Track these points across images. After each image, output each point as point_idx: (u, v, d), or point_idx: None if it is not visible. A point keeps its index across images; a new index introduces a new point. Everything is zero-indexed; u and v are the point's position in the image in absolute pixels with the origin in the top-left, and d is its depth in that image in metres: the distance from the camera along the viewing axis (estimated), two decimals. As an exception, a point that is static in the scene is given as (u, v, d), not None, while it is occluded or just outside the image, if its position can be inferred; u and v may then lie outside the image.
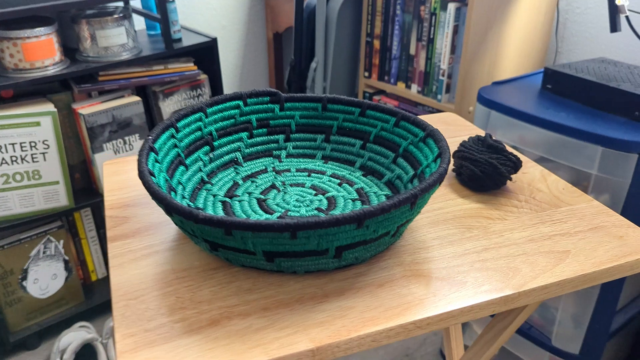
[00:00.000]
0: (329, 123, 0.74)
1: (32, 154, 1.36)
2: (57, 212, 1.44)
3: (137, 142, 1.50)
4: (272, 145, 0.75)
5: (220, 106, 0.71)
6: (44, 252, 1.49)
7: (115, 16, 1.36)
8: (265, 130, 0.74)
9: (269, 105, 0.74)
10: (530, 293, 0.52)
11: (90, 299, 1.62)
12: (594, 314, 1.09)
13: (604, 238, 0.60)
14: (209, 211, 0.62)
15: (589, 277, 0.55)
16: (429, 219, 0.63)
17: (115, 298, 0.51)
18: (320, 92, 1.66)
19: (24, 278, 1.48)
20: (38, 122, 1.34)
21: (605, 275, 0.55)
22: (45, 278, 1.51)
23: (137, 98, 1.48)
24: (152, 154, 0.59)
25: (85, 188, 1.54)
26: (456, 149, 0.72)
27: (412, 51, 1.43)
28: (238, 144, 0.73)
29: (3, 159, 1.33)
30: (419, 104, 1.48)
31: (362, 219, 0.48)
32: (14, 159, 1.34)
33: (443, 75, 1.36)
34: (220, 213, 0.62)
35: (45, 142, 1.36)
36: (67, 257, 1.54)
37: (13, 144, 1.33)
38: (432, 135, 0.63)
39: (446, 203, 0.66)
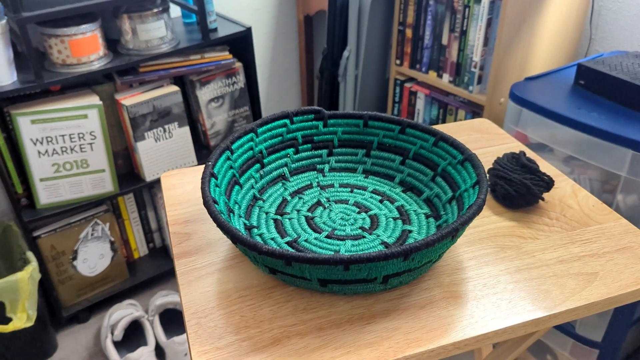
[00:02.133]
0: (370, 139, 0.79)
1: (80, 145, 1.43)
2: (103, 197, 1.52)
3: (176, 130, 1.57)
4: (315, 159, 0.80)
5: (269, 125, 0.76)
6: (92, 235, 1.58)
7: (155, 10, 1.41)
8: (309, 145, 0.79)
9: (313, 122, 0.79)
10: (560, 315, 0.58)
11: (134, 275, 1.72)
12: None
13: (631, 259, 0.64)
14: (263, 229, 0.68)
15: (615, 299, 0.59)
16: (466, 239, 0.68)
17: (187, 316, 0.57)
18: (352, 81, 1.69)
19: (75, 258, 1.58)
20: (85, 115, 1.40)
21: (630, 298, 0.60)
22: (93, 258, 1.61)
23: (175, 88, 1.53)
24: (213, 180, 0.65)
25: (128, 173, 1.62)
26: (491, 166, 0.76)
27: (445, 41, 1.45)
28: (285, 159, 0.78)
29: (54, 149, 1.41)
30: (450, 94, 1.51)
31: (408, 254, 0.53)
32: (63, 149, 1.42)
33: (475, 67, 1.38)
34: (273, 231, 0.68)
35: (92, 134, 1.43)
36: (112, 238, 1.63)
37: (63, 136, 1.40)
38: (471, 160, 0.67)
39: (481, 221, 0.71)
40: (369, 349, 0.53)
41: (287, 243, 0.66)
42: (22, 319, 1.38)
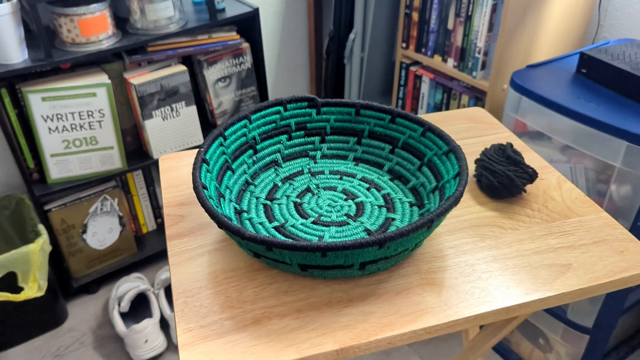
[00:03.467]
0: (362, 127, 0.81)
1: (89, 122, 1.47)
2: (112, 174, 1.56)
3: (183, 109, 1.60)
4: (308, 146, 0.82)
5: (263, 112, 0.78)
6: (101, 209, 1.63)
7: (163, -10, 1.42)
8: (302, 132, 0.82)
9: (306, 109, 0.81)
10: (530, 304, 0.60)
11: (142, 250, 1.77)
12: (609, 292, 1.15)
13: (606, 252, 0.66)
14: (252, 213, 0.71)
15: (586, 291, 0.62)
16: (447, 227, 0.70)
17: (175, 295, 0.61)
18: (357, 63, 1.70)
19: (84, 231, 1.63)
20: (94, 93, 1.44)
21: (600, 290, 0.62)
22: (102, 231, 1.66)
23: (183, 67, 1.56)
24: (204, 165, 0.68)
25: (137, 150, 1.66)
26: (478, 156, 0.78)
27: (450, 26, 1.45)
28: (278, 146, 0.80)
29: (64, 126, 1.45)
30: (454, 79, 1.51)
31: (383, 243, 0.56)
32: (73, 126, 1.46)
33: (479, 53, 1.38)
34: (262, 216, 0.71)
35: (101, 112, 1.47)
36: (121, 213, 1.68)
37: (72, 113, 1.44)
38: (455, 152, 0.69)
39: (464, 210, 0.73)
40: (344, 331, 0.56)
41: (275, 228, 0.69)
42: (34, 288, 1.44)
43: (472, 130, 0.91)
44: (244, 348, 0.55)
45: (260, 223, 0.69)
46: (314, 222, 0.69)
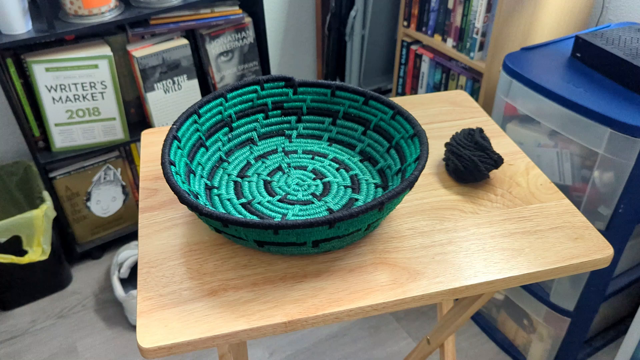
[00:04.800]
0: (337, 108, 0.83)
1: (91, 93, 1.50)
2: (114, 144, 1.60)
3: (185, 83, 1.62)
4: (285, 125, 0.84)
5: (239, 91, 0.80)
6: (104, 178, 1.68)
7: (165, -36, 1.44)
8: (279, 112, 0.84)
9: (283, 89, 0.83)
10: (477, 287, 0.62)
11: (145, 219, 1.82)
12: (590, 278, 1.16)
13: (560, 239, 0.67)
14: (222, 190, 0.74)
15: (533, 275, 0.64)
16: (409, 209, 0.72)
17: (140, 265, 0.64)
18: (358, 40, 1.70)
19: (88, 199, 1.68)
20: (96, 65, 1.47)
21: (550, 275, 0.64)
22: (106, 200, 1.72)
23: (185, 41, 1.58)
24: (175, 142, 0.71)
25: (140, 121, 1.69)
26: (448, 140, 0.79)
27: (450, 5, 1.44)
28: (254, 124, 0.83)
29: (67, 96, 1.49)
30: (452, 59, 1.51)
31: (332, 223, 0.58)
32: (76, 97, 1.50)
33: (477, 34, 1.37)
34: (231, 193, 0.73)
35: (103, 83, 1.50)
36: (124, 183, 1.73)
37: (75, 84, 1.48)
38: (419, 136, 0.71)
39: (429, 193, 0.75)
40: (294, 305, 0.59)
41: (242, 204, 0.71)
42: (37, 252, 1.50)
43: (451, 114, 0.92)
44: (198, 317, 0.58)
45: (229, 199, 0.72)
46: (280, 200, 0.72)
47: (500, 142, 0.85)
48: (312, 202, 0.72)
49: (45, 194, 1.56)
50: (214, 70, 1.70)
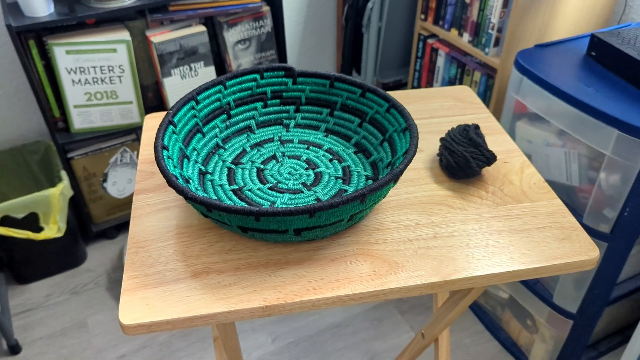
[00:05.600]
0: (335, 99, 0.83)
1: (110, 77, 1.54)
2: (131, 127, 1.64)
3: (201, 69, 1.64)
4: (283, 114, 0.85)
5: (239, 79, 0.82)
6: (121, 160, 1.72)
7: (184, -49, 1.45)
8: (278, 101, 0.85)
9: (283, 79, 0.84)
10: (456, 282, 0.62)
11: (160, 202, 1.86)
12: (594, 281, 1.15)
13: (547, 239, 0.67)
14: (216, 176, 0.75)
15: (515, 274, 0.63)
16: (398, 202, 0.73)
17: (129, 245, 0.66)
18: (375, 32, 1.69)
19: (105, 180, 1.73)
20: (114, 49, 1.50)
21: (532, 274, 0.64)
22: (122, 181, 1.76)
23: (202, 28, 1.60)
24: (171, 127, 0.72)
25: (158, 106, 1.72)
26: (443, 135, 0.79)
27: (468, -1, 1.42)
28: (253, 112, 0.84)
29: (86, 79, 1.52)
30: (467, 54, 1.49)
31: (313, 212, 0.59)
32: (95, 79, 1.53)
33: (492, 29, 1.36)
34: (224, 179, 0.75)
35: (121, 67, 1.53)
36: (140, 166, 1.76)
37: (94, 67, 1.51)
38: (410, 130, 0.71)
39: (419, 187, 0.75)
40: (272, 291, 0.61)
41: (233, 190, 0.73)
42: (53, 229, 1.55)
43: (452, 109, 0.92)
44: (178, 298, 0.60)
45: (221, 185, 0.74)
46: (270, 188, 0.73)
47: (499, 139, 0.84)
48: (302, 192, 0.72)
49: (63, 174, 1.60)
50: (231, 58, 1.71)
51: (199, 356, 1.47)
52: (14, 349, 1.48)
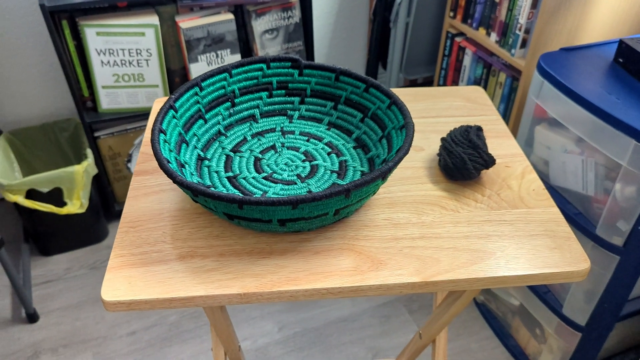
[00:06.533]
0: (339, 93, 0.83)
1: (137, 60, 1.57)
2: (156, 110, 1.67)
3: (228, 57, 1.66)
4: (287, 105, 0.85)
5: (245, 68, 0.82)
6: (145, 142, 1.76)
7: (215, -61, 1.47)
8: (283, 92, 0.85)
9: (289, 70, 0.84)
10: (438, 284, 0.62)
11: (182, 185, 1.89)
12: (604, 295, 1.12)
13: (537, 247, 0.65)
14: (213, 162, 0.76)
15: (499, 280, 0.62)
16: (390, 199, 0.72)
17: (121, 224, 0.68)
18: (402, 28, 1.67)
19: (129, 160, 1.77)
20: (143, 33, 1.53)
21: (516, 281, 0.63)
22: (146, 163, 1.79)
23: (230, 16, 1.61)
24: (171, 112, 0.74)
25: (184, 91, 1.75)
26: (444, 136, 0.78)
27: (497, -2, 1.39)
28: (257, 102, 0.84)
29: (115, 61, 1.56)
30: (494, 55, 1.46)
31: (295, 204, 0.59)
32: (123, 62, 1.57)
33: (520, 30, 1.33)
34: (221, 165, 0.76)
35: (149, 51, 1.56)
36: (164, 149, 1.80)
37: (123, 50, 1.55)
38: (407, 128, 0.70)
39: (415, 186, 0.75)
40: (252, 279, 0.61)
41: (228, 177, 0.74)
42: (76, 205, 1.60)
43: (461, 109, 0.90)
44: (160, 279, 0.61)
45: (217, 172, 0.75)
46: (265, 178, 0.74)
47: (504, 143, 0.83)
48: (295, 183, 0.73)
49: (89, 152, 1.65)
50: (258, 47, 1.73)
51: (206, 338, 1.50)
52: (32, 317, 1.54)
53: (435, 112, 0.90)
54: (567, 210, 1.12)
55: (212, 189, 0.72)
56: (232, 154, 0.78)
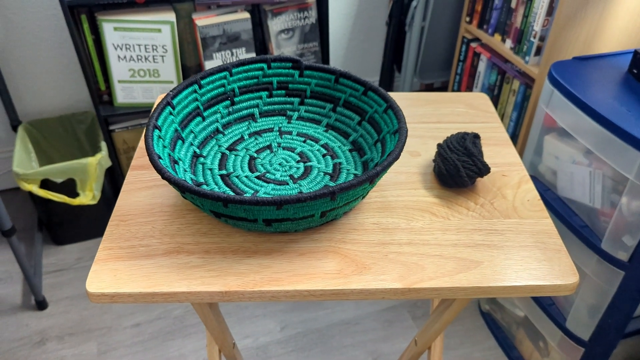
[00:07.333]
0: (338, 95, 0.83)
1: (153, 55, 1.59)
2: (170, 106, 1.69)
3: (243, 55, 1.67)
4: (287, 106, 0.86)
5: (245, 67, 0.83)
6: (159, 137, 1.78)
7: (233, -62, 1.48)
8: (283, 92, 0.85)
9: (290, 70, 0.84)
10: (420, 291, 0.61)
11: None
12: (608, 310, 1.09)
13: (526, 258, 0.64)
14: (208, 159, 0.77)
15: (484, 290, 0.61)
16: (382, 204, 0.72)
17: (112, 218, 0.69)
18: (417, 32, 1.66)
19: (143, 155, 1.79)
20: (159, 29, 1.55)
21: (501, 292, 0.62)
22: (159, 158, 1.82)
23: (246, 15, 1.62)
24: (168, 108, 0.74)
25: (199, 88, 1.77)
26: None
27: (513, 4, 1.37)
28: (257, 101, 0.85)
29: (131, 56, 1.58)
30: (508, 61, 1.44)
31: (280, 204, 0.59)
32: (139, 57, 1.59)
33: (535, 37, 1.31)
34: (215, 163, 0.76)
35: (164, 47, 1.58)
36: (177, 144, 1.82)
37: (139, 45, 1.57)
38: (400, 132, 0.70)
39: (407, 191, 0.74)
40: (235, 277, 0.62)
41: (221, 175, 0.74)
42: (88, 196, 1.63)
43: (463, 116, 0.89)
44: (145, 273, 0.62)
45: (210, 169, 0.75)
46: (258, 177, 0.74)
47: (502, 151, 0.81)
48: (287, 184, 0.73)
49: (103, 144, 1.68)
50: (274, 47, 1.73)
51: (208, 334, 1.51)
52: (41, 304, 1.57)
53: (436, 117, 0.89)
54: (574, 223, 1.10)
55: (204, 186, 0.73)
56: (227, 152, 0.79)
